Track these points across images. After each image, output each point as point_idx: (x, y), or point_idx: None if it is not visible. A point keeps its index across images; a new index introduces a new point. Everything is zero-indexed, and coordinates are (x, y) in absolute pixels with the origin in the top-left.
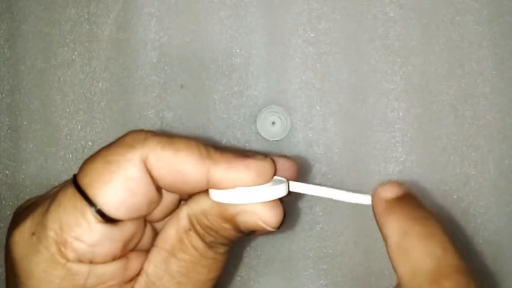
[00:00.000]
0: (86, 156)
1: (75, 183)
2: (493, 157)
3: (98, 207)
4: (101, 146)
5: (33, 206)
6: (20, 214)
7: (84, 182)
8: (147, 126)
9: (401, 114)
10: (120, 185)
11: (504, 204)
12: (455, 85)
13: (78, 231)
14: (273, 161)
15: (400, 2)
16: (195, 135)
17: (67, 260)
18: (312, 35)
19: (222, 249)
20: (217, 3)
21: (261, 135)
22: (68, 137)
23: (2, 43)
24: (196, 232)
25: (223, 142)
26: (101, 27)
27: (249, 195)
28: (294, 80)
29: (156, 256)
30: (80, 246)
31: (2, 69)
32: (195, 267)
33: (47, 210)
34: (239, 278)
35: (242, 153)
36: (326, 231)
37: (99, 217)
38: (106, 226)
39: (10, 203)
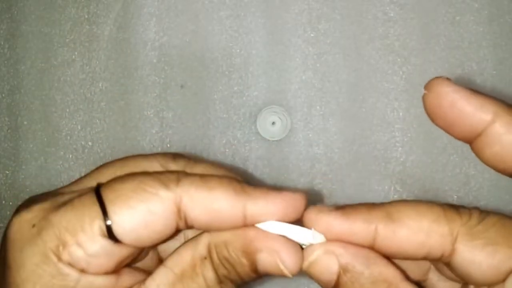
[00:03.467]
0: (86, 156)
1: (97, 192)
2: None
3: (110, 224)
4: (101, 146)
5: (39, 200)
6: (24, 205)
7: (109, 196)
8: (147, 126)
9: (401, 114)
10: (141, 215)
11: (504, 204)
12: None
13: (81, 237)
14: (304, 195)
15: (400, 2)
16: (195, 135)
17: (60, 260)
18: (312, 35)
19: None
20: (217, 3)
21: (261, 135)
22: (68, 137)
23: (2, 43)
24: (212, 262)
25: (223, 142)
26: (101, 27)
27: (291, 232)
28: (294, 80)
29: (162, 276)
30: (78, 252)
31: (2, 69)
32: None
33: (57, 207)
34: None
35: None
36: None
37: (105, 232)
38: (108, 241)
39: (10, 203)
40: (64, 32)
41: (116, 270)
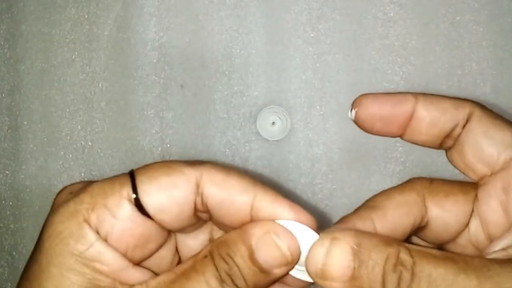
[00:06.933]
0: (86, 156)
1: (131, 172)
2: None
3: (137, 191)
4: (101, 146)
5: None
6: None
7: (139, 172)
8: (147, 126)
9: None
10: (164, 185)
11: None
12: (455, 85)
13: (109, 200)
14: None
15: (400, 2)
16: (195, 135)
17: (85, 220)
18: (312, 35)
19: None
20: (217, 3)
21: (261, 135)
22: (68, 137)
23: (2, 43)
24: (213, 259)
25: (223, 142)
26: (101, 27)
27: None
28: (294, 80)
29: (164, 276)
30: (105, 214)
31: (2, 69)
32: None
33: (95, 181)
34: None
35: None
36: None
37: (132, 197)
38: (133, 208)
39: (10, 203)
40: (64, 32)
41: (132, 252)
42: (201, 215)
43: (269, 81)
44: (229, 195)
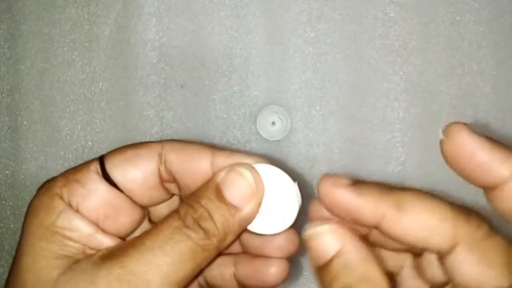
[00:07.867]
0: (86, 156)
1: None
2: None
3: (104, 164)
4: (101, 146)
5: None
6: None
7: (109, 152)
8: (147, 126)
9: (401, 114)
10: (129, 157)
11: None
12: (455, 85)
13: (79, 175)
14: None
15: (400, 2)
16: (195, 135)
17: (57, 194)
18: (312, 35)
19: (198, 234)
20: (217, 3)
21: (261, 135)
22: (68, 137)
23: (2, 43)
24: (178, 212)
25: (223, 142)
26: (101, 27)
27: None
28: (294, 80)
29: (130, 239)
30: (75, 186)
31: (2, 69)
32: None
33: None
34: None
35: None
36: None
37: (100, 170)
38: (101, 179)
39: (10, 203)
40: (64, 32)
41: (102, 222)
42: (169, 187)
43: (269, 81)
44: (189, 157)
